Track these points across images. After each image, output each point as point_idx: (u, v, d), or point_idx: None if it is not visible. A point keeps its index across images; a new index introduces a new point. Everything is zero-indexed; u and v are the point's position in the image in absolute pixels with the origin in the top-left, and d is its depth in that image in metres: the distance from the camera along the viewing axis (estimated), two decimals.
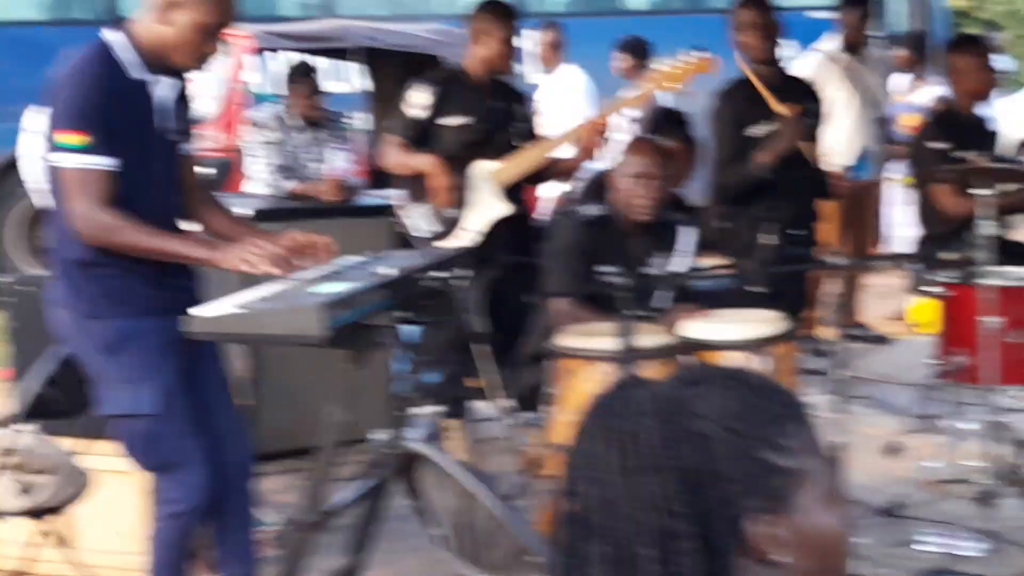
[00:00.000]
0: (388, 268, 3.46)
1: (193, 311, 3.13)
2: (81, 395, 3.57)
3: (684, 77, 5.07)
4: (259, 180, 6.27)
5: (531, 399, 4.50)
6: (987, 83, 5.34)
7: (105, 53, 3.37)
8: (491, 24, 5.11)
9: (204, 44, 3.40)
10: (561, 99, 8.18)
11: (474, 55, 5.19)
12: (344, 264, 3.59)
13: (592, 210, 4.59)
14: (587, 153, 5.06)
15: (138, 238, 3.33)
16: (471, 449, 5.06)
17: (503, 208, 5.13)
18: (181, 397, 3.44)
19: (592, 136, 5.00)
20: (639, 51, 8.57)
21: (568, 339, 4.02)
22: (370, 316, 3.24)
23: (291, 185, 6.14)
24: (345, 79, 9.53)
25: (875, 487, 4.74)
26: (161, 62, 3.42)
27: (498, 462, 4.83)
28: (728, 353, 4.02)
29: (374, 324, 3.27)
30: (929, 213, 5.34)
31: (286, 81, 6.35)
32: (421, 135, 5.14)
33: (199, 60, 3.44)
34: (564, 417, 3.93)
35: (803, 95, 5.19)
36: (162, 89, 3.46)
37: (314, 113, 6.27)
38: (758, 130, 4.97)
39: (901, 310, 7.58)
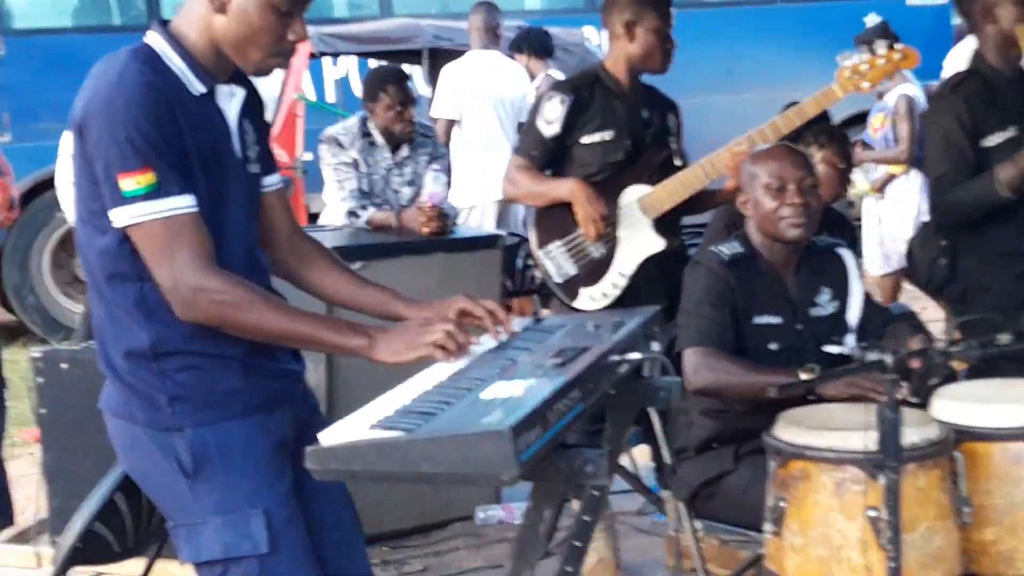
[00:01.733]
0: (569, 350, 2.45)
1: (321, 437, 2.12)
2: (145, 534, 2.57)
3: (883, 75, 4.04)
4: (333, 208, 5.25)
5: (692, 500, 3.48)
6: None
7: (154, 61, 2.42)
8: (646, 10, 4.07)
9: (279, 33, 2.44)
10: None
11: (620, 52, 4.15)
12: (511, 347, 2.59)
13: (731, 247, 3.52)
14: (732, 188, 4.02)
15: (267, 316, 2.41)
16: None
17: (658, 243, 4.10)
18: (294, 524, 2.51)
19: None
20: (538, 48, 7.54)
21: (793, 430, 2.97)
22: (562, 432, 2.23)
23: (372, 213, 5.11)
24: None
25: None
26: (222, 67, 2.48)
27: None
28: (1010, 445, 2.99)
29: (569, 445, 2.26)
30: None
31: (368, 88, 5.29)
32: (553, 156, 4.12)
33: (276, 56, 2.48)
34: (794, 541, 2.89)
35: None
36: (232, 102, 2.52)
37: (405, 128, 5.22)
38: (996, 139, 3.88)
39: None
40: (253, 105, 2.59)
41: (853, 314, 3.53)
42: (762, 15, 10.68)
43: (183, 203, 2.36)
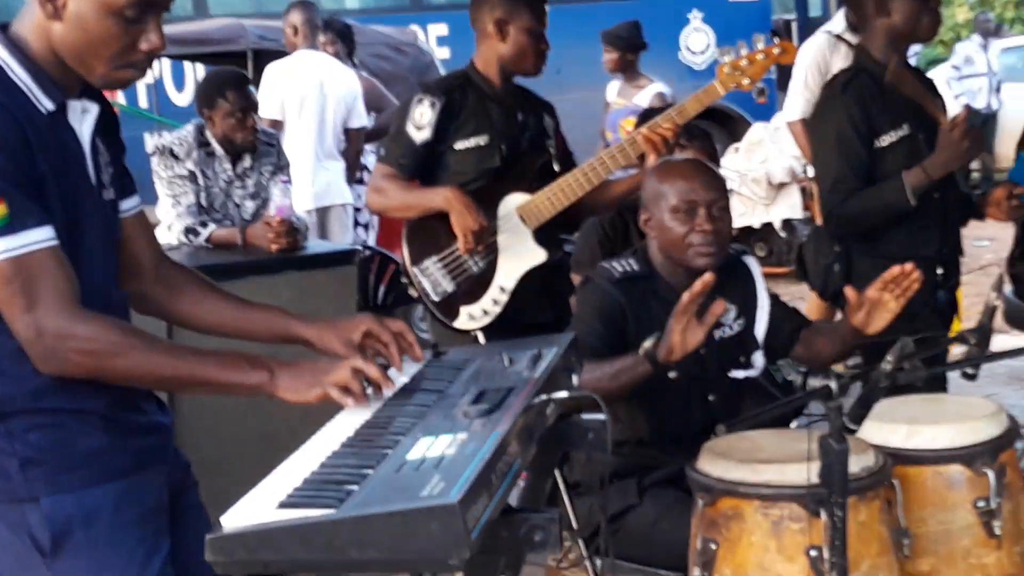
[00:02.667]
0: (490, 393, 2.14)
1: (224, 519, 1.76)
2: None
3: (763, 70, 3.84)
4: (168, 225, 4.80)
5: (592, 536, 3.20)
6: None
7: None
8: (518, 8, 3.76)
9: (125, 42, 2.07)
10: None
11: (490, 52, 3.84)
12: (419, 388, 2.27)
13: (626, 264, 3.22)
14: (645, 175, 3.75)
15: (149, 359, 2.07)
16: None
17: (540, 255, 3.81)
18: None
19: (659, 148, 3.70)
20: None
21: (721, 464, 2.70)
22: (504, 497, 1.92)
23: (213, 230, 4.69)
24: None
25: None
26: (71, 79, 2.11)
27: None
28: (943, 468, 2.79)
29: (511, 509, 1.94)
30: None
31: (205, 94, 4.85)
32: (424, 163, 3.78)
33: (126, 68, 2.11)
34: None
35: (933, 91, 3.95)
36: (84, 119, 2.16)
37: (247, 136, 4.79)
38: (889, 138, 3.68)
39: None
40: (107, 122, 2.22)
41: (760, 328, 3.29)
42: (587, 12, 10.55)
43: (41, 236, 1.99)
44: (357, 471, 1.86)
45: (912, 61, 3.84)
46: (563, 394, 2.26)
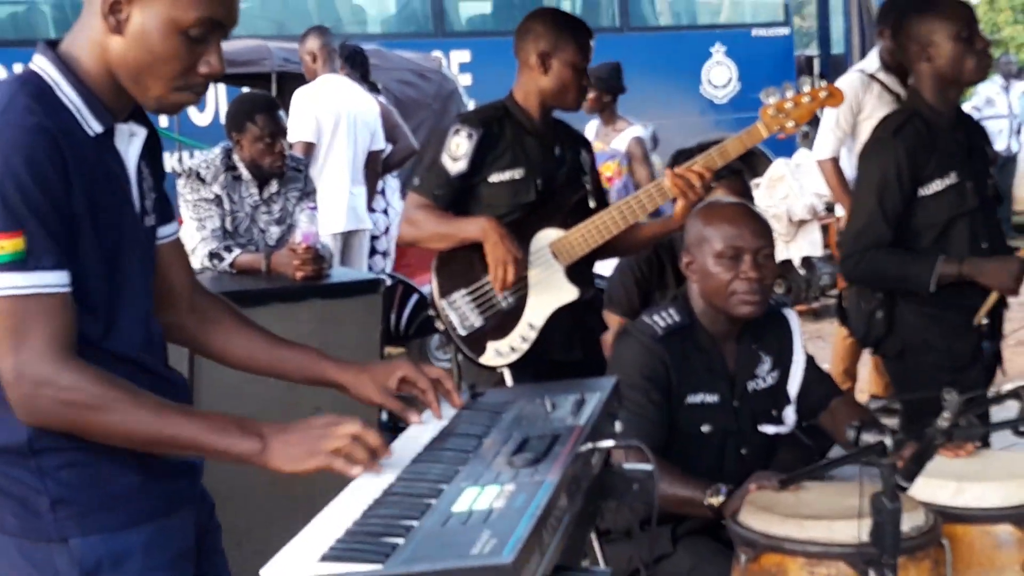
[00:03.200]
0: (534, 441, 2.07)
1: (265, 572, 1.67)
2: None
3: (809, 113, 3.75)
4: (192, 249, 4.72)
5: None
6: None
7: (45, 94, 1.96)
8: (563, 40, 3.70)
9: (187, 63, 2.00)
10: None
11: (531, 85, 3.77)
12: (456, 433, 2.20)
13: (668, 318, 3.11)
14: (681, 217, 3.67)
15: (132, 418, 1.94)
16: None
17: (571, 292, 3.72)
18: None
19: (686, 192, 3.63)
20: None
21: (764, 518, 2.61)
22: (555, 554, 1.83)
23: (237, 255, 4.61)
24: None
25: None
26: (122, 101, 2.03)
27: None
28: (992, 527, 2.70)
29: (561, 567, 1.85)
30: None
31: (234, 117, 4.78)
32: (458, 195, 3.71)
33: (183, 91, 2.04)
34: None
35: (982, 137, 3.86)
36: (131, 143, 2.08)
37: (275, 161, 4.73)
38: (936, 186, 3.59)
39: None
40: (152, 147, 2.14)
41: (794, 384, 3.19)
42: (613, 42, 10.50)
43: (53, 280, 1.90)
44: (401, 523, 1.78)
45: None
46: (610, 443, 2.18)
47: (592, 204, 3.81)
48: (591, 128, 7.37)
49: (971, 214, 3.62)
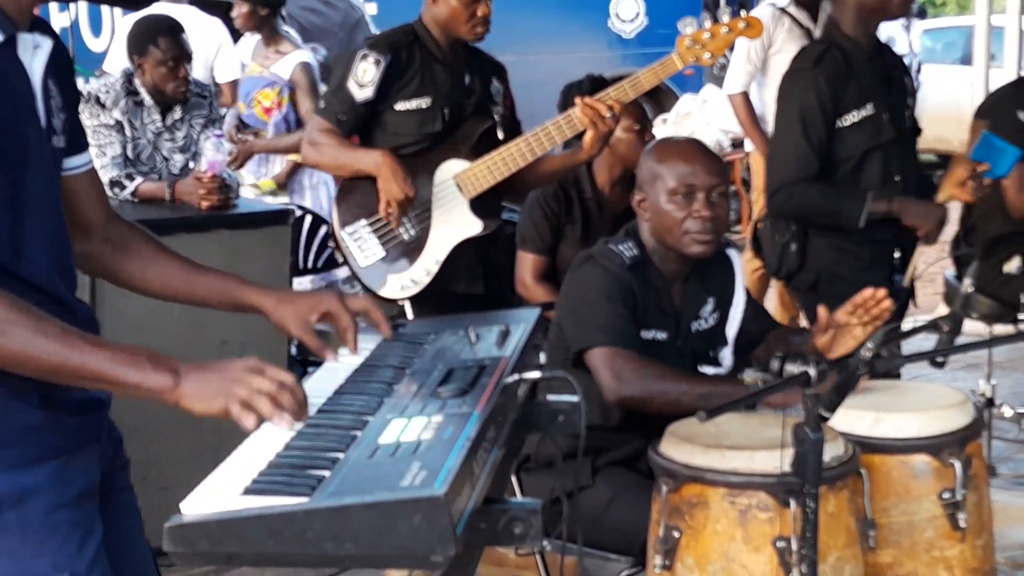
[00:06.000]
0: (459, 371, 2.02)
1: (184, 506, 1.60)
2: None
3: (726, 45, 3.70)
4: None
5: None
6: None
7: None
8: None
9: None
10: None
11: (427, 12, 3.67)
12: (377, 363, 2.14)
13: (629, 248, 3.03)
14: (592, 148, 3.62)
15: (35, 343, 1.81)
16: None
17: (475, 225, 3.66)
18: None
19: (597, 124, 3.56)
20: None
21: (686, 449, 2.59)
22: (485, 487, 1.79)
23: (139, 184, 4.47)
24: None
25: None
26: (23, 10, 1.91)
27: None
28: (909, 458, 2.71)
29: (490, 499, 1.80)
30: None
31: (135, 41, 4.61)
32: (363, 121, 3.62)
33: None
34: None
35: (900, 69, 3.85)
36: (36, 55, 1.95)
37: (179, 86, 4.58)
38: (853, 117, 3.58)
39: None
40: (60, 61, 2.02)
41: (732, 326, 3.16)
42: None
43: None
44: (326, 455, 1.72)
45: None
46: (536, 374, 2.14)
47: (501, 135, 3.74)
48: (247, 47, 6.25)
49: (886, 146, 3.62)
